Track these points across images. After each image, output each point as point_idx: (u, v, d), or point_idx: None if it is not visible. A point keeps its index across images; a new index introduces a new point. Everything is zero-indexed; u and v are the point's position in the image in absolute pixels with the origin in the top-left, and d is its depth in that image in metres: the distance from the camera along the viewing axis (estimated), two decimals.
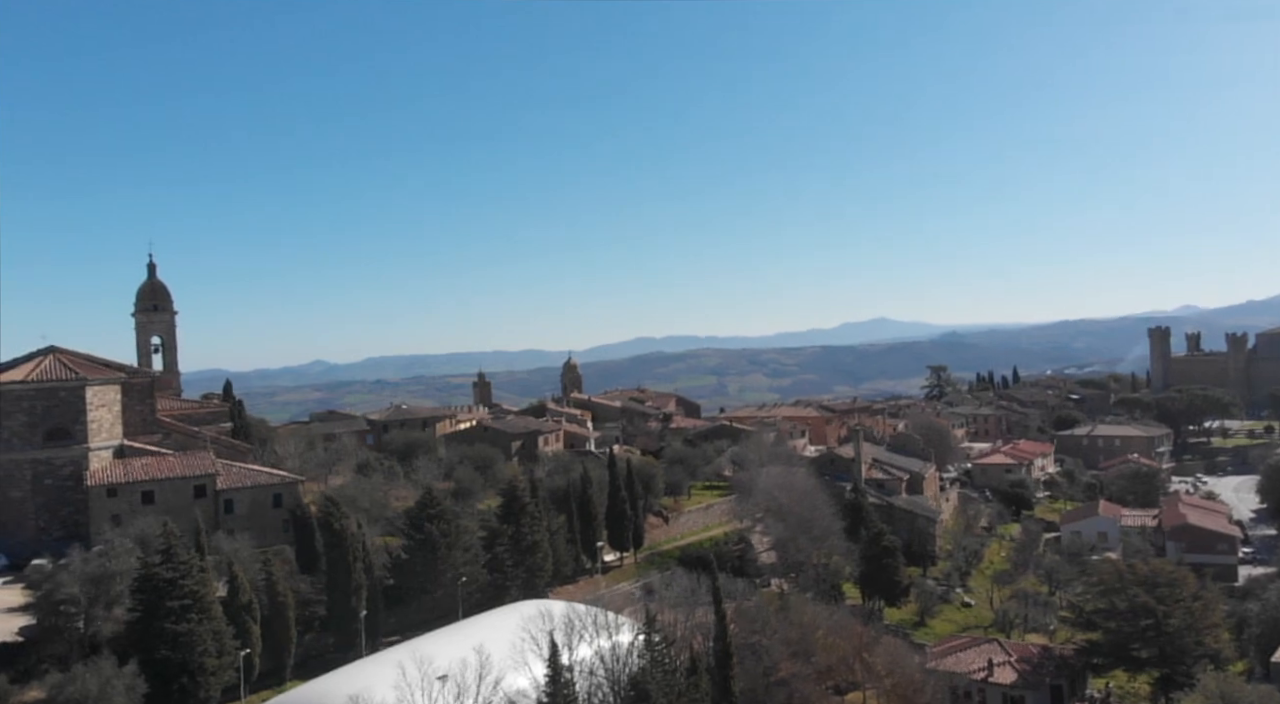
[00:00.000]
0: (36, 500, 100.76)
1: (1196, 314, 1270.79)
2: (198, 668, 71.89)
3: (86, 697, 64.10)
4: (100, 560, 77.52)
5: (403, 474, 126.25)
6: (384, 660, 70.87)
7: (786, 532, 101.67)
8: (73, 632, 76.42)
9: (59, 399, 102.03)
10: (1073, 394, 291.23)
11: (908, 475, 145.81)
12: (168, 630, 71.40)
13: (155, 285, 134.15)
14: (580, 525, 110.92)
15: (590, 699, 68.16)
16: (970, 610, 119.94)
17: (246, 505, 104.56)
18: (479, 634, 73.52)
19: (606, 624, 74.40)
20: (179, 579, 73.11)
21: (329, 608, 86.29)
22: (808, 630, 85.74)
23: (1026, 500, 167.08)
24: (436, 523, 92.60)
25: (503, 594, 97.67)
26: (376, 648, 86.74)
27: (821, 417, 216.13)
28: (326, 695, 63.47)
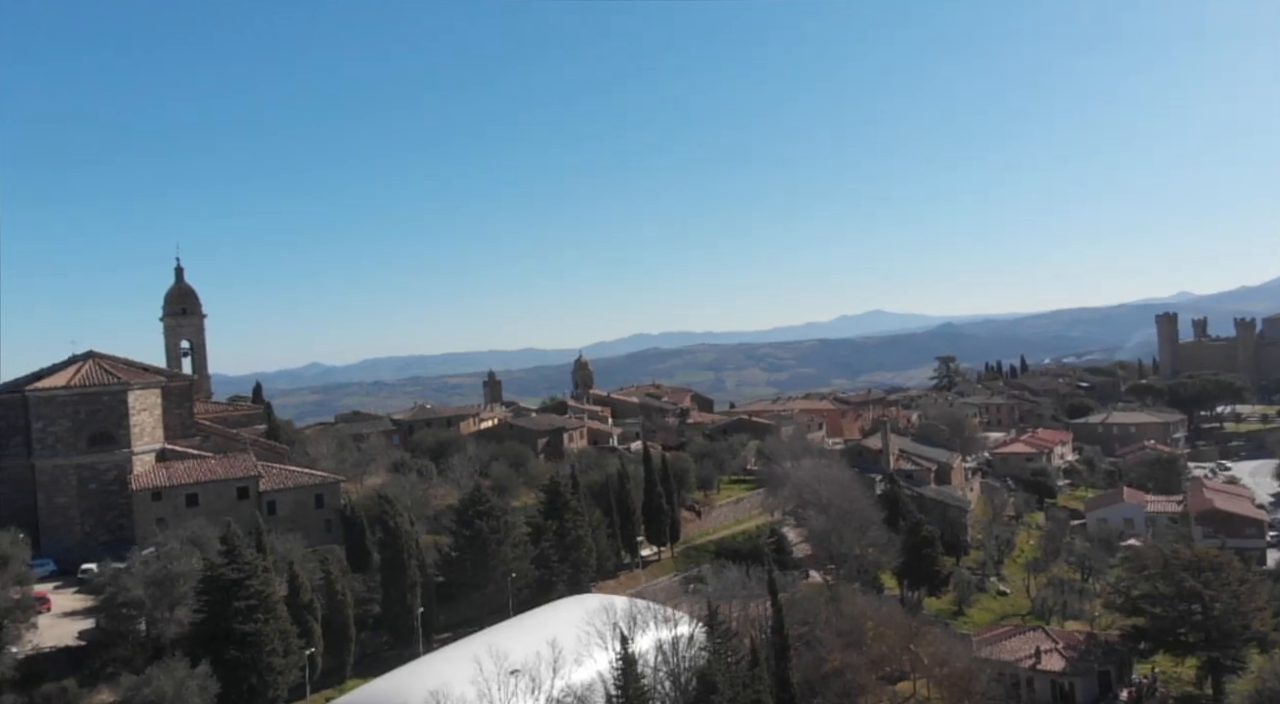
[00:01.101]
0: (82, 505, 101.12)
1: (1191, 300, 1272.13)
2: (266, 667, 72.26)
3: (162, 698, 64.38)
4: (161, 563, 77.86)
5: (436, 472, 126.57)
6: (458, 656, 71.38)
7: (828, 523, 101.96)
8: (135, 634, 76.91)
9: (102, 404, 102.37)
10: (1083, 382, 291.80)
11: (935, 466, 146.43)
12: (235, 631, 71.68)
13: (183, 289, 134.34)
14: (620, 521, 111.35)
15: (655, 691, 68.60)
16: (1006, 599, 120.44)
17: (289, 506, 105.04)
18: (546, 628, 74.06)
19: (668, 617, 74.94)
20: (244, 579, 73.42)
21: (384, 606, 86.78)
22: (857, 621, 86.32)
23: (1050, 488, 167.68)
24: (485, 519, 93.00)
25: (549, 589, 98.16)
26: (430, 645, 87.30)
27: (837, 409, 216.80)
28: (406, 691, 63.88)
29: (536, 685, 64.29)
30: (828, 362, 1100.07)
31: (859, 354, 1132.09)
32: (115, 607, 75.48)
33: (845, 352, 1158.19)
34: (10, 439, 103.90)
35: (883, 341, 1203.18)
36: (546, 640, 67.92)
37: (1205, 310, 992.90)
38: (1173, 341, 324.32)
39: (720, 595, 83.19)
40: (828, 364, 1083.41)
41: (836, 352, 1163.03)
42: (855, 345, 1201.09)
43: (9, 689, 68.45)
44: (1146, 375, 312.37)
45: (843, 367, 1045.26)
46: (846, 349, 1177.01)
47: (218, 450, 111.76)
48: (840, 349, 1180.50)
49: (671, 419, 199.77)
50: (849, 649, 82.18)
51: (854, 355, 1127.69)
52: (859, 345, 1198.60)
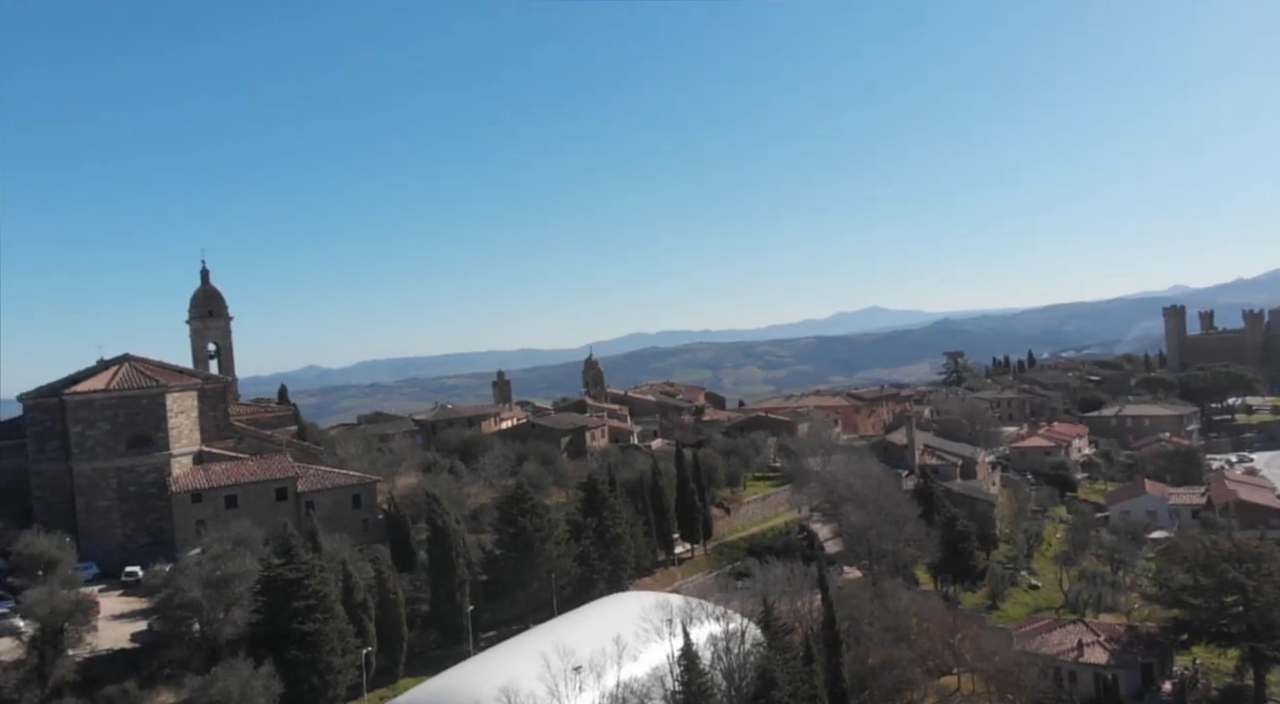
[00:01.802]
0: (122, 508, 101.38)
1: (1187, 294, 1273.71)
2: (326, 667, 72.56)
3: (228, 698, 64.55)
4: (215, 564, 78.04)
5: (465, 471, 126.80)
6: (520, 653, 71.75)
7: (866, 519, 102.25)
8: (190, 636, 77.05)
9: (140, 407, 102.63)
10: (1092, 376, 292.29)
11: (960, 460, 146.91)
12: (295, 630, 71.94)
13: (209, 291, 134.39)
14: (655, 518, 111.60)
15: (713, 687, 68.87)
16: (1038, 592, 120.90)
17: (327, 507, 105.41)
18: (605, 624, 74.47)
19: (719, 614, 75.25)
20: (302, 579, 73.72)
21: (432, 605, 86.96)
22: (902, 616, 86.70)
23: (1070, 482, 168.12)
24: (529, 517, 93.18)
25: (590, 587, 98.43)
26: (477, 643, 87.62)
27: (851, 405, 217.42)
28: (475, 688, 64.17)
29: (600, 681, 64.71)
30: (825, 359, 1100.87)
31: (856, 351, 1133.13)
32: (172, 608, 75.57)
33: (842, 349, 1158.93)
34: (47, 443, 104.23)
35: (880, 338, 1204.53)
36: (611, 637, 68.34)
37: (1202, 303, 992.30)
38: (1180, 334, 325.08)
39: (762, 592, 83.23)
40: (825, 361, 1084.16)
41: (834, 349, 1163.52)
42: (852, 342, 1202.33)
43: (70, 692, 68.59)
44: (1153, 368, 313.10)
45: (840, 364, 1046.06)
46: (844, 346, 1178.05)
47: (252, 452, 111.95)
48: (837, 346, 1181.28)
49: (686, 417, 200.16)
50: (898, 644, 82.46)
51: (851, 352, 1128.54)
52: (856, 342, 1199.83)
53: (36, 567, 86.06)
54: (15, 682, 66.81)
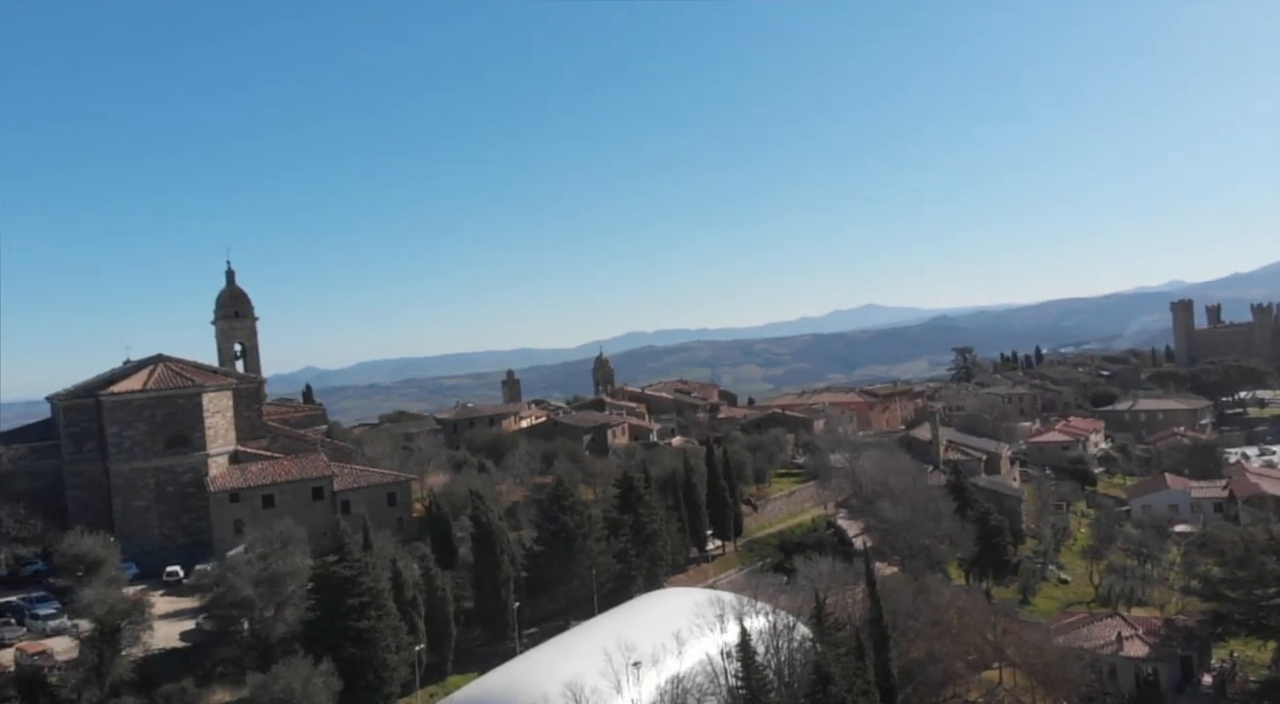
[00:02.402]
0: (159, 508, 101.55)
1: (1183, 288, 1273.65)
2: (381, 664, 72.89)
3: (290, 696, 64.79)
4: (265, 562, 78.26)
5: (494, 469, 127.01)
6: (577, 647, 72.06)
7: (903, 514, 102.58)
8: (240, 634, 77.28)
9: (177, 407, 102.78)
10: (1102, 370, 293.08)
11: (984, 456, 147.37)
12: (350, 628, 72.25)
13: (235, 292, 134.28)
14: (688, 515, 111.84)
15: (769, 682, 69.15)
16: (1068, 587, 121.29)
17: (362, 505, 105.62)
18: (659, 619, 74.89)
19: (770, 610, 75.52)
20: (357, 576, 74.03)
21: (477, 601, 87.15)
22: (944, 611, 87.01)
23: (1090, 476, 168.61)
24: (570, 514, 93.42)
25: (628, 584, 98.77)
26: (520, 639, 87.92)
27: (865, 402, 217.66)
28: (538, 682, 64.37)
29: (660, 676, 65.05)
30: (822, 356, 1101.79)
31: (853, 348, 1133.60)
32: (224, 606, 75.77)
33: (840, 346, 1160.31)
34: (84, 444, 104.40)
35: (877, 335, 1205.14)
36: (669, 632, 68.78)
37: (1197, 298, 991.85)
38: (1188, 329, 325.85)
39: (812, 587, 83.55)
40: (823, 358, 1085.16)
41: (831, 346, 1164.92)
42: (849, 339, 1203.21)
43: (127, 691, 68.83)
44: (1160, 363, 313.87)
45: (838, 361, 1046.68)
46: (841, 343, 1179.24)
47: (284, 451, 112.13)
48: (835, 343, 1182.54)
49: (701, 415, 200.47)
50: (942, 638, 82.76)
51: (848, 349, 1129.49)
52: (853, 339, 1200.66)
53: (81, 567, 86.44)
54: (76, 681, 67.02)
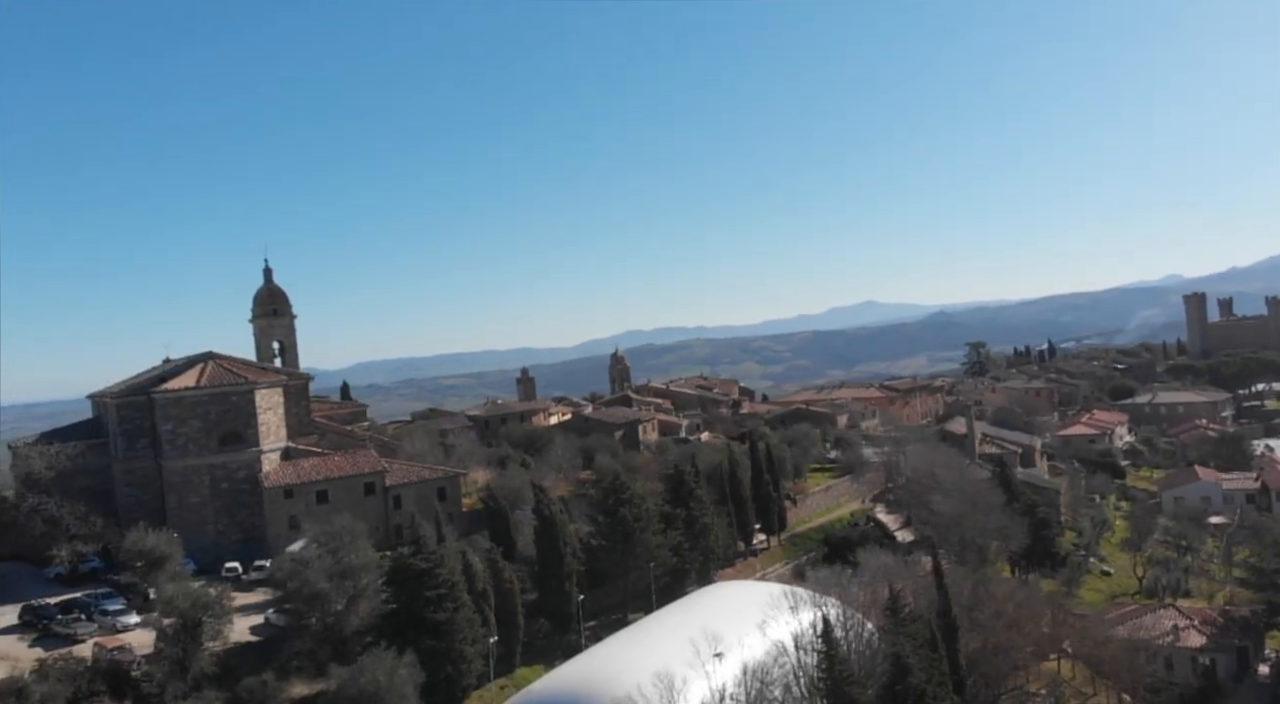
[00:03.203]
0: (214, 504, 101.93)
1: (1181, 283, 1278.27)
2: (459, 655, 73.44)
3: (377, 688, 65.30)
4: (336, 555, 78.63)
5: (533, 464, 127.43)
6: (658, 638, 72.58)
7: (955, 507, 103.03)
8: (311, 627, 77.51)
9: (231, 404, 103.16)
10: (1118, 364, 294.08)
11: (1020, 449, 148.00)
12: (428, 620, 72.76)
13: (273, 290, 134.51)
14: (734, 509, 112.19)
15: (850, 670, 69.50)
16: (1111, 579, 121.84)
17: (413, 500, 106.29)
18: (733, 610, 75.44)
19: (836, 603, 75.91)
20: (433, 568, 74.53)
21: (541, 594, 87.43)
22: (1005, 602, 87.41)
23: (1119, 469, 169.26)
24: (628, 507, 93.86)
25: (683, 578, 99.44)
26: (581, 632, 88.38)
27: (886, 397, 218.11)
28: (625, 671, 64.83)
29: (745, 667, 65.41)
30: (822, 353, 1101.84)
31: (852, 345, 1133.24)
32: (300, 600, 76.08)
33: (839, 343, 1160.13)
34: (136, 441, 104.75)
35: (876, 332, 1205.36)
36: (747, 623, 69.35)
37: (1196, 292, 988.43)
38: (1201, 321, 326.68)
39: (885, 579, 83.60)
40: (822, 356, 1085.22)
41: (830, 343, 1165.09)
42: (848, 336, 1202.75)
43: (208, 684, 69.28)
44: (1172, 356, 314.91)
45: (837, 358, 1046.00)
46: (840, 340, 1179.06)
47: (333, 448, 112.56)
48: (834, 340, 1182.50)
49: (725, 410, 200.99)
50: (1008, 630, 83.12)
51: (848, 346, 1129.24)
52: (852, 336, 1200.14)
53: (146, 562, 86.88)
54: (161, 675, 67.45)
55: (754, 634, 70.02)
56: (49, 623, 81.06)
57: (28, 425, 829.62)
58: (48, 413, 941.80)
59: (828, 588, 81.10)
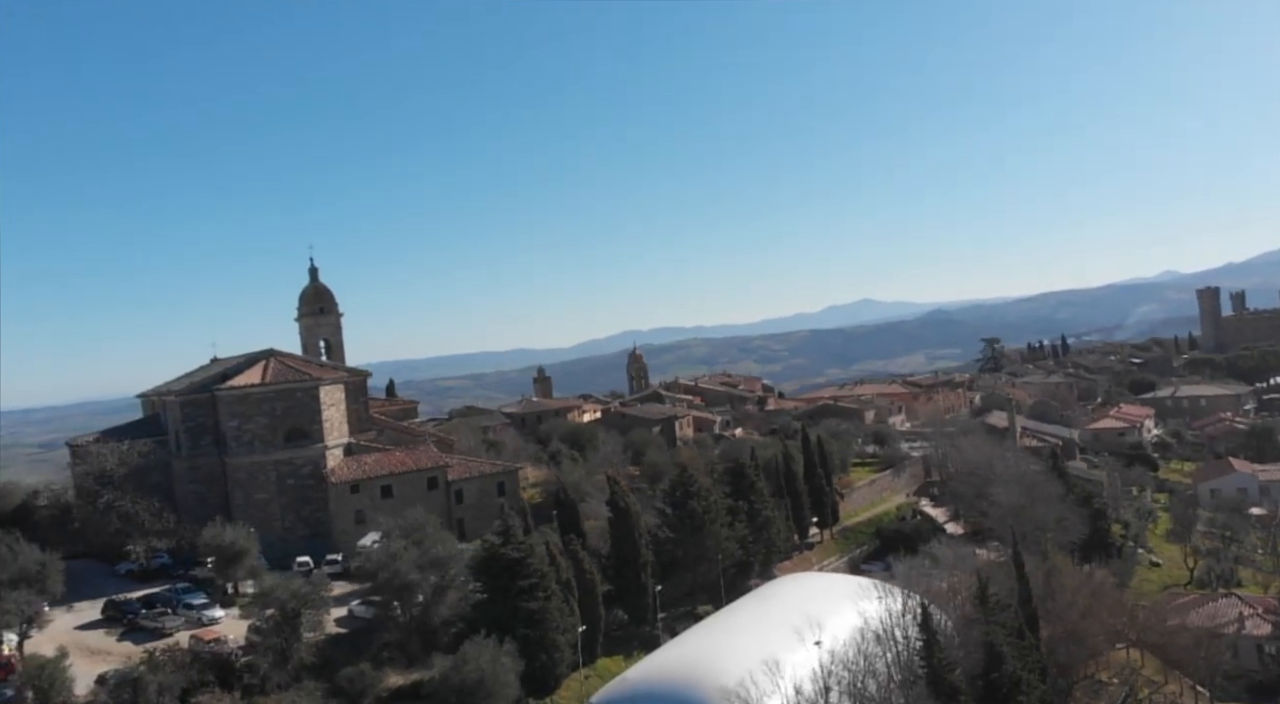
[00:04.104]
0: (281, 501, 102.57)
1: (1177, 279, 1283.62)
2: (552, 644, 74.20)
3: (481, 676, 66.07)
4: (424, 546, 79.33)
5: (582, 459, 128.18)
6: (752, 627, 73.46)
7: (1017, 498, 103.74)
8: (398, 618, 78.19)
9: (296, 400, 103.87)
10: (1134, 358, 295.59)
11: (1060, 442, 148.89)
12: (522, 609, 73.49)
13: (319, 289, 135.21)
14: (790, 502, 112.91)
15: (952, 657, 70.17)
16: (1161, 569, 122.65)
17: (474, 494, 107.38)
18: (819, 601, 76.33)
19: (913, 594, 76.55)
20: (524, 559, 75.27)
21: (617, 585, 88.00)
22: (1076, 592, 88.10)
23: (1152, 461, 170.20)
24: (697, 499, 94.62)
25: (748, 570, 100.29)
26: (654, 624, 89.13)
27: (909, 392, 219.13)
28: (731, 661, 65.68)
29: (848, 655, 66.08)
30: (820, 352, 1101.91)
31: (850, 343, 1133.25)
32: (391, 590, 76.79)
33: (837, 341, 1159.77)
34: (200, 439, 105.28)
35: (873, 330, 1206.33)
36: (843, 613, 70.33)
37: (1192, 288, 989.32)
38: (1214, 315, 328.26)
39: (975, 570, 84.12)
40: (820, 354, 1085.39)
41: (828, 342, 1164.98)
42: (846, 335, 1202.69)
43: (307, 674, 69.98)
44: (1184, 350, 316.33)
45: (835, 356, 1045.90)
46: (838, 339, 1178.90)
47: (389, 444, 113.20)
48: (831, 339, 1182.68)
49: (751, 407, 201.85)
50: (1083, 618, 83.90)
51: (845, 345, 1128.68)
52: (850, 335, 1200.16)
53: (223, 557, 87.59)
54: (266, 666, 68.15)
55: (845, 623, 70.87)
56: (133, 617, 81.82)
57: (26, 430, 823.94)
58: (45, 418, 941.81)
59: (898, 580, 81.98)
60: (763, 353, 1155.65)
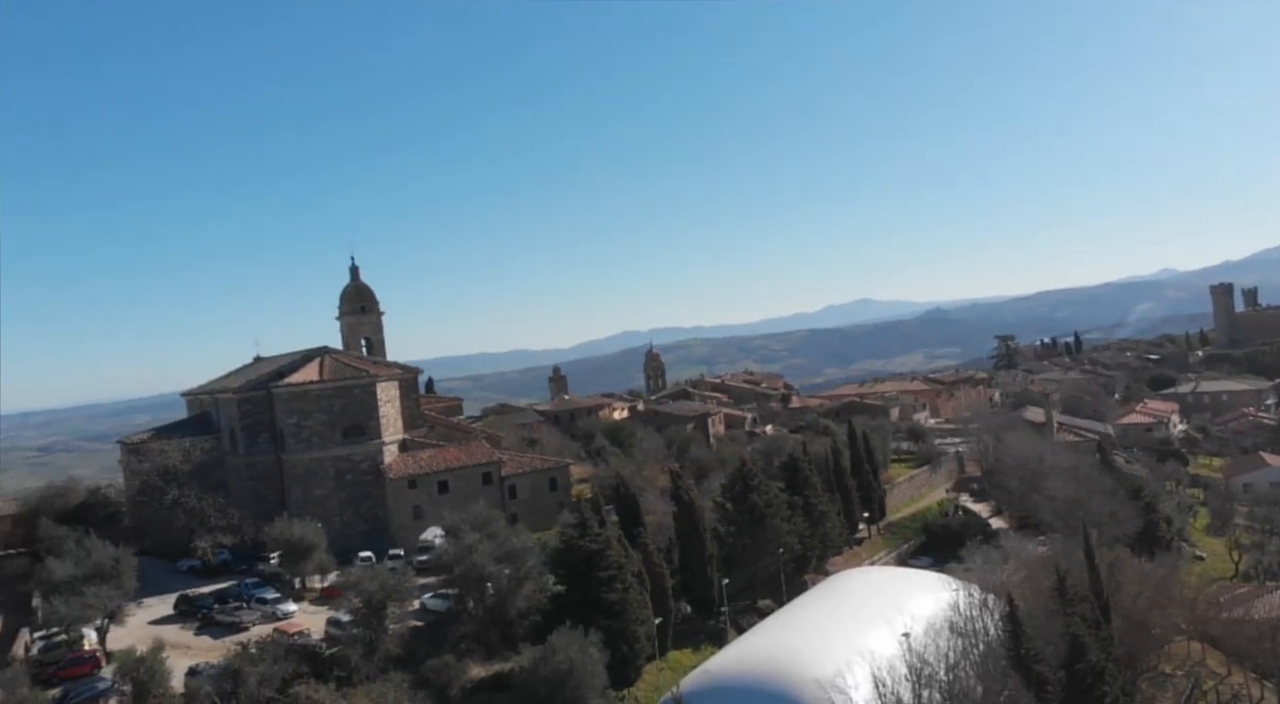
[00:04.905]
0: (339, 496, 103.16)
1: (1175, 277, 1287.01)
2: (632, 636, 74.69)
3: (571, 666, 66.55)
4: (496, 539, 79.93)
5: (625, 456, 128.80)
6: (830, 618, 73.90)
7: (1072, 490, 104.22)
8: (477, 610, 78.58)
9: (354, 397, 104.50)
10: (1150, 354, 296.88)
11: (1098, 437, 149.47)
12: (602, 600, 73.98)
13: (360, 288, 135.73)
14: (841, 498, 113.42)
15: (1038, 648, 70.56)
16: (1205, 563, 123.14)
17: (527, 489, 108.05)
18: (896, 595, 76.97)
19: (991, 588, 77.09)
20: (603, 550, 75.78)
21: (683, 578, 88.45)
22: (1141, 585, 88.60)
23: (1183, 456, 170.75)
24: (758, 493, 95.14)
25: (805, 565, 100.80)
26: (720, 618, 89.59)
27: (932, 389, 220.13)
28: (825, 652, 66.20)
29: (939, 648, 66.46)
30: (818, 351, 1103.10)
31: (849, 343, 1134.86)
32: (469, 582, 77.32)
33: (835, 341, 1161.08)
34: (257, 436, 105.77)
35: (872, 329, 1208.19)
36: (920, 605, 70.88)
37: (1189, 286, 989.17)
38: (1229, 311, 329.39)
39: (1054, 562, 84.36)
40: (819, 354, 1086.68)
41: (827, 341, 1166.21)
42: (845, 334, 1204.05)
43: (393, 665, 70.49)
44: (1195, 346, 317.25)
45: (834, 356, 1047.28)
46: (836, 338, 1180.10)
47: (439, 440, 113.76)
48: (830, 338, 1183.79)
49: (775, 404, 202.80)
50: (1150, 610, 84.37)
51: (844, 344, 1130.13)
52: (848, 334, 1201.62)
53: (292, 552, 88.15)
54: (357, 656, 68.72)
55: (924, 615, 71.31)
56: (207, 612, 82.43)
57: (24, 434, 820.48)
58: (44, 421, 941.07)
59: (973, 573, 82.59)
60: (762, 353, 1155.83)
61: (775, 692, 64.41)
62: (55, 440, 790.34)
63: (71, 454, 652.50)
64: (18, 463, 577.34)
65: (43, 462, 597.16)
